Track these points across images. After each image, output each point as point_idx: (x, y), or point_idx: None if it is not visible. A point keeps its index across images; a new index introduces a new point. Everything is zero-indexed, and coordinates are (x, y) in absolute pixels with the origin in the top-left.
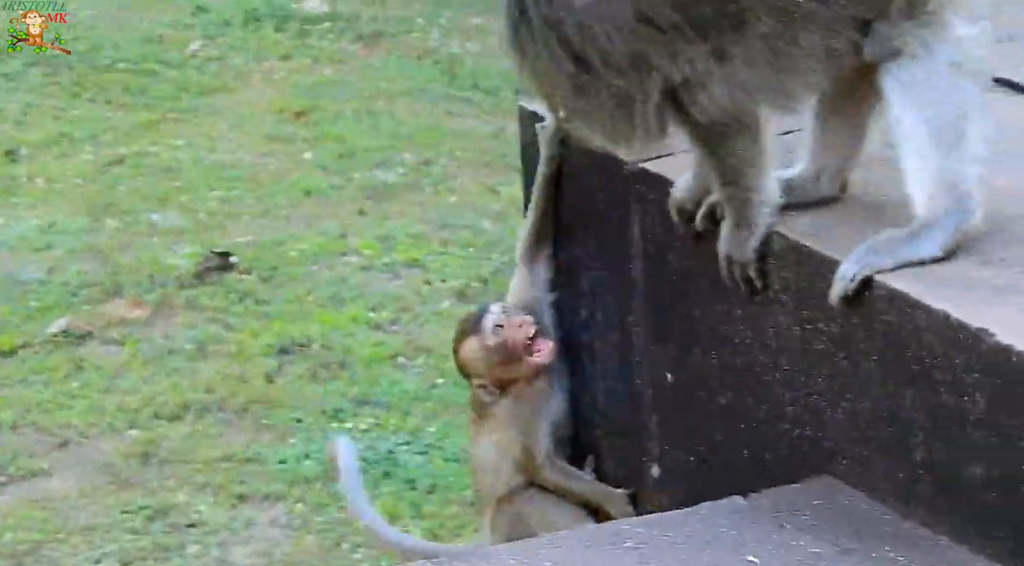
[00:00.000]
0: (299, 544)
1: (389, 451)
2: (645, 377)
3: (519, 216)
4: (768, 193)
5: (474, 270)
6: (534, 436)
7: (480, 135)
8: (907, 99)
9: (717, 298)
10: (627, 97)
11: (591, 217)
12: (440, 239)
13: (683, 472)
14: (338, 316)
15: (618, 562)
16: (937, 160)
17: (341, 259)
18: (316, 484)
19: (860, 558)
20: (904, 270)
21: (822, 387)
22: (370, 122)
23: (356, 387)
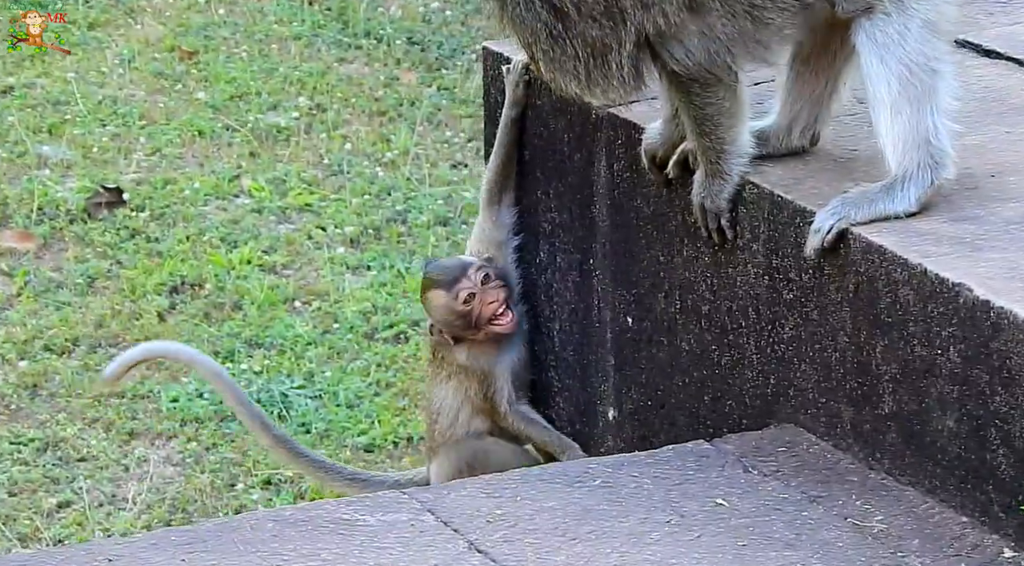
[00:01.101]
0: (192, 482)
1: (283, 394)
2: (605, 320)
3: (412, 165)
4: (742, 144)
5: (368, 217)
6: (495, 383)
7: (373, 83)
8: (880, 55)
9: (684, 244)
10: (602, 46)
11: (554, 160)
12: (333, 185)
13: (639, 416)
14: (231, 257)
15: (590, 499)
16: (910, 116)
17: (233, 201)
18: (209, 423)
19: (827, 505)
20: (878, 223)
21: (790, 336)
22: (262, 65)
23: (249, 329)
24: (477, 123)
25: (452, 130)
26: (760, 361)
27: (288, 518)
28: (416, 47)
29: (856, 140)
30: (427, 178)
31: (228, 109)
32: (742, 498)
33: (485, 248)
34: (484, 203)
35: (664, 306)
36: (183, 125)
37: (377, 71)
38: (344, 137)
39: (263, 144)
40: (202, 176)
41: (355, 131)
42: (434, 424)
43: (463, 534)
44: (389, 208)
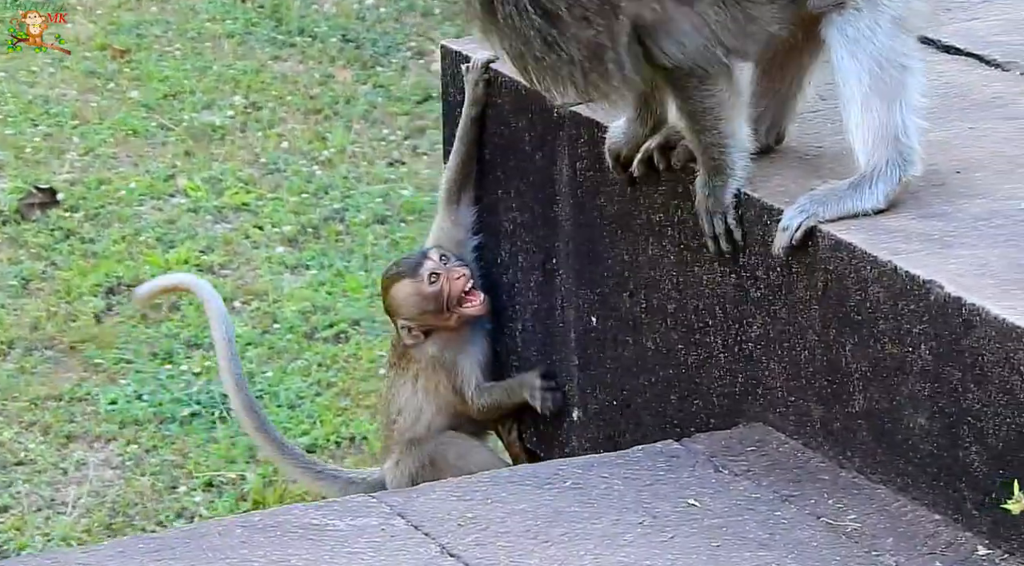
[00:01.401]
0: (132, 485)
1: (223, 395)
2: (568, 320)
3: (349, 163)
4: (742, 138)
5: (306, 216)
6: (463, 372)
7: (307, 81)
8: (851, 50)
9: (649, 243)
10: (597, 46)
11: (515, 158)
12: (270, 184)
13: (605, 416)
14: (168, 258)
15: (561, 501)
16: (879, 112)
17: (169, 201)
18: (149, 426)
19: (800, 505)
20: (847, 221)
21: (758, 334)
22: (196, 63)
23: (188, 330)
24: (413, 121)
25: (388, 128)
26: (728, 360)
27: (257, 524)
28: (351, 45)
29: (821, 137)
30: (364, 176)
31: (162, 108)
32: (714, 498)
33: (444, 247)
34: (443, 202)
35: (629, 305)
36: (116, 124)
37: (312, 69)
38: (280, 135)
39: (198, 143)
40: (137, 176)
41: (291, 129)
42: (392, 424)
43: (435, 538)
44: (327, 207)
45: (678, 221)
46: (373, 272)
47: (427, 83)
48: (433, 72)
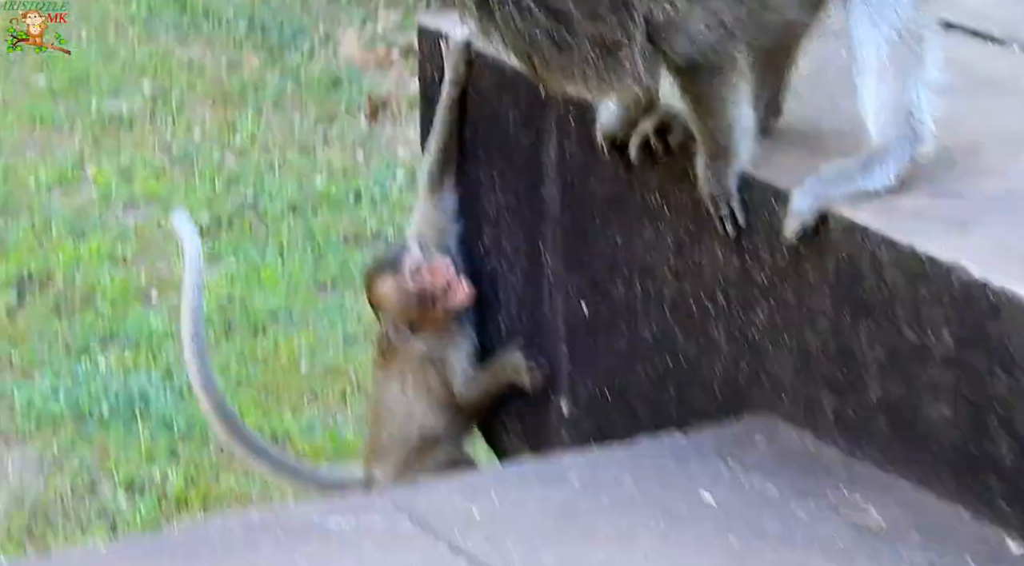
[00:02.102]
0: (52, 486)
1: (141, 391)
2: (556, 308)
3: (261, 152)
4: (746, 121)
5: (219, 205)
6: (454, 366)
7: (214, 67)
8: (871, 18)
9: (645, 227)
10: (612, 43)
11: (498, 140)
12: (181, 172)
13: (596, 408)
14: (79, 249)
15: (571, 497)
16: (894, 84)
17: (79, 190)
18: (66, 423)
19: (816, 498)
20: (858, 202)
21: (763, 321)
22: (101, 49)
23: (102, 323)
24: (324, 107)
25: (298, 114)
26: (731, 348)
27: (257, 523)
28: (257, 30)
29: (819, 111)
30: (276, 164)
31: (68, 95)
32: (727, 493)
33: (429, 236)
34: (425, 188)
35: (623, 292)
36: (22, 112)
37: (219, 55)
38: (189, 123)
39: (106, 131)
40: (44, 165)
41: (200, 117)
42: (381, 424)
43: (442, 536)
44: (239, 196)
45: (676, 204)
46: (289, 263)
47: (335, 68)
48: (341, 58)
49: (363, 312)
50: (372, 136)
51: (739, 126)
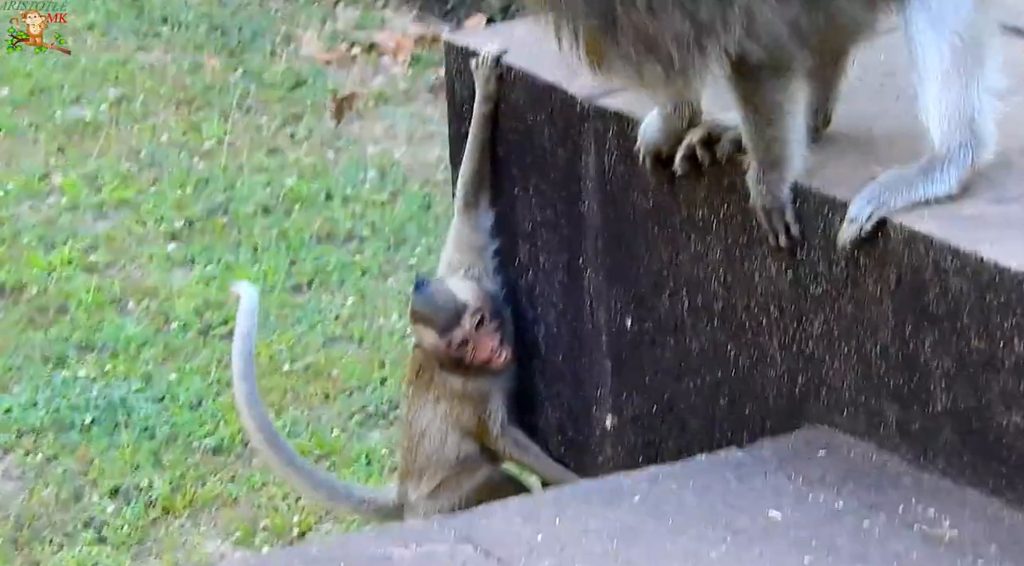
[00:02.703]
0: (36, 496)
1: (122, 399)
2: (599, 322)
3: (229, 156)
4: (800, 131)
5: (189, 210)
6: (487, 407)
7: (176, 71)
8: (932, 22)
9: (691, 240)
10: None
11: (534, 155)
12: (149, 178)
13: (643, 421)
14: (51, 258)
15: (633, 518)
16: (959, 90)
17: (46, 199)
18: (48, 433)
19: (887, 512)
20: (918, 209)
21: (820, 332)
22: (61, 57)
23: (78, 332)
24: (288, 107)
25: (264, 115)
26: (785, 360)
27: (316, 556)
28: (217, 32)
29: (868, 118)
30: (245, 166)
31: (30, 105)
32: (794, 508)
33: (464, 255)
34: (460, 208)
35: (669, 305)
36: None
37: (179, 58)
38: (154, 128)
39: (71, 139)
40: (11, 176)
41: (164, 121)
42: (416, 446)
43: (509, 563)
44: (209, 199)
45: (724, 216)
46: (263, 263)
47: (297, 68)
48: (302, 57)
49: (341, 312)
50: (339, 135)
51: (793, 137)
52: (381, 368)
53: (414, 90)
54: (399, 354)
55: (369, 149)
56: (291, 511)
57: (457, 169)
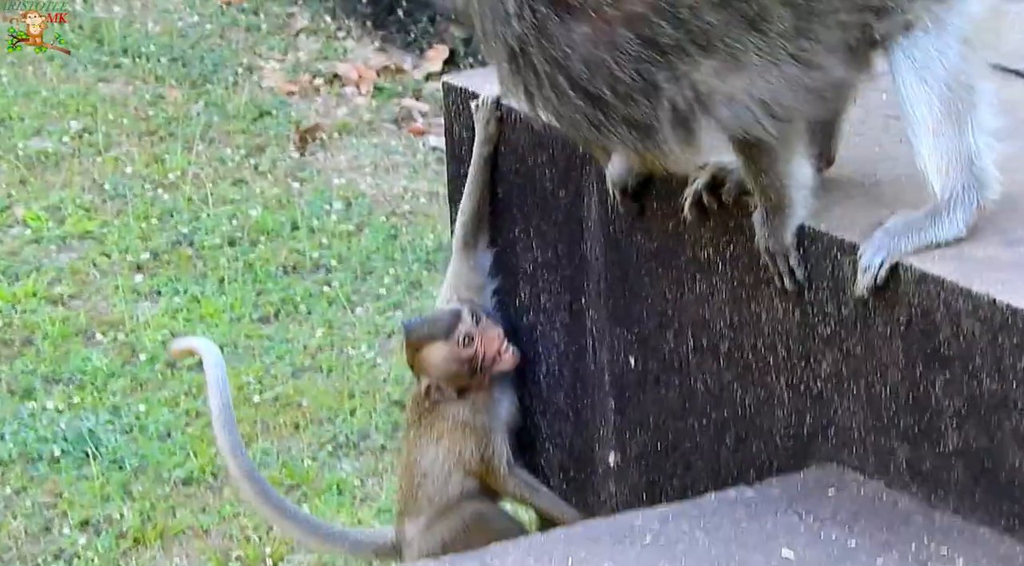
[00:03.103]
0: (5, 529)
1: (90, 430)
2: (602, 361)
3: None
4: (803, 175)
5: (153, 241)
6: (491, 445)
7: (137, 102)
8: (920, 75)
9: (697, 280)
10: (646, 127)
11: (535, 197)
12: (112, 210)
13: (647, 460)
14: (15, 291)
15: (647, 559)
16: (951, 137)
17: (9, 232)
18: (15, 466)
19: (902, 552)
20: (928, 252)
21: (828, 372)
22: (20, 89)
23: (44, 365)
24: (251, 138)
25: (227, 147)
26: (793, 399)
27: None
28: (178, 63)
29: (873, 162)
30: (209, 198)
31: None
32: (807, 548)
33: (462, 295)
34: (458, 248)
35: (674, 345)
36: None
37: (141, 89)
38: (116, 159)
39: (32, 171)
40: None
41: (127, 152)
42: (418, 487)
43: None
44: (174, 231)
45: (730, 257)
46: (229, 295)
47: (260, 99)
48: (264, 88)
49: (309, 343)
50: (304, 166)
51: (796, 181)
52: (351, 398)
53: (378, 121)
54: (368, 384)
55: (334, 180)
56: (263, 542)
57: (455, 209)
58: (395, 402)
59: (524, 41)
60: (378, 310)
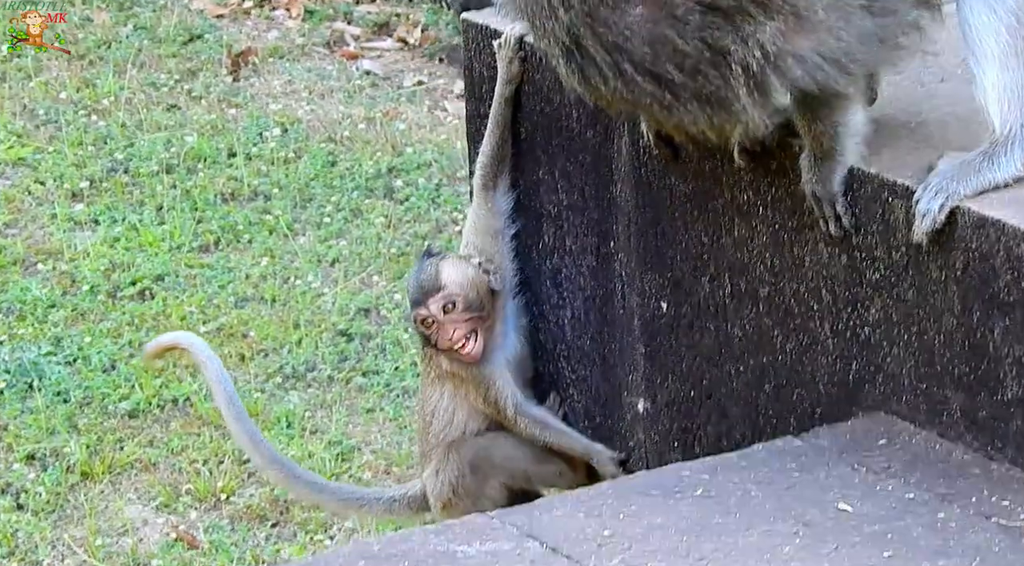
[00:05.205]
0: None
1: (33, 362)
2: (631, 306)
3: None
4: (857, 122)
5: (88, 168)
6: (493, 386)
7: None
8: (988, 5)
9: (735, 224)
10: (719, 99)
11: (560, 137)
12: (45, 136)
13: (678, 407)
14: None
15: (698, 512)
16: (1016, 69)
17: None
18: None
19: (961, 504)
20: (985, 195)
21: (876, 318)
22: None
23: None
24: (183, 62)
25: (159, 71)
26: (838, 346)
27: (378, 554)
28: None
29: (917, 102)
30: (143, 124)
31: None
32: (863, 501)
33: (481, 238)
34: (478, 189)
35: (709, 290)
36: None
37: (69, 11)
38: (47, 84)
39: None
40: None
41: (57, 77)
42: (427, 428)
43: (579, 561)
44: (109, 158)
45: (772, 200)
46: (168, 223)
47: (190, 22)
48: (194, 11)
49: (252, 272)
50: (237, 91)
51: (850, 129)
52: (296, 328)
53: (309, 45)
54: (313, 314)
55: (269, 105)
56: (213, 475)
57: (474, 149)
58: (340, 332)
59: (576, 31)
60: (319, 239)
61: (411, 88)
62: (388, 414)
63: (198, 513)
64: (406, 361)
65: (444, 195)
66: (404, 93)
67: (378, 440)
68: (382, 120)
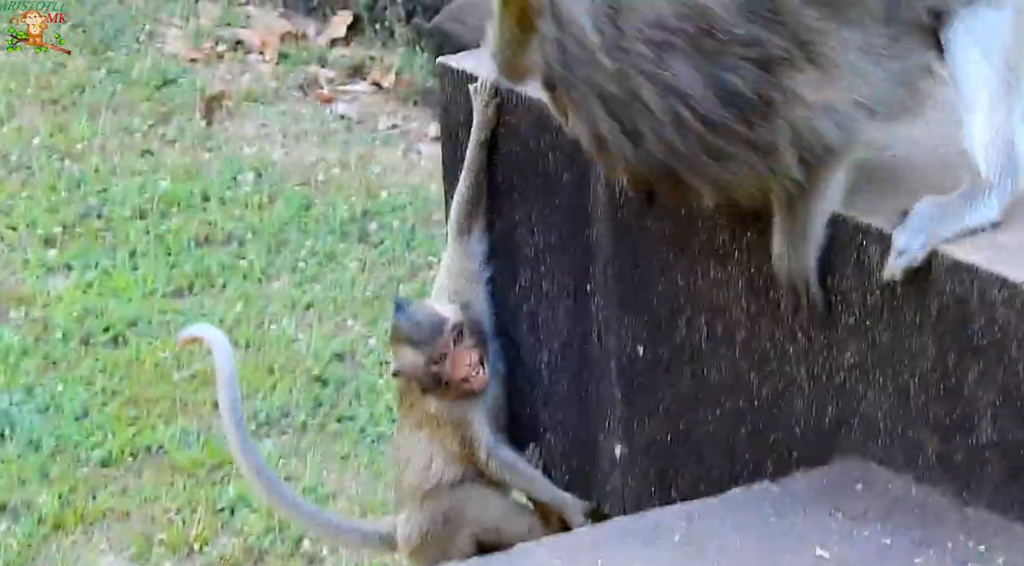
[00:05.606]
0: None
1: (4, 410)
2: (608, 349)
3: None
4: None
5: (61, 213)
6: (470, 429)
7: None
8: (982, 50)
9: (712, 266)
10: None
11: (537, 180)
12: (17, 181)
13: (656, 451)
14: None
15: (678, 559)
16: (1002, 116)
17: None
18: None
19: (939, 550)
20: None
21: (852, 362)
22: None
23: None
24: (156, 106)
25: (133, 115)
26: (814, 390)
27: None
28: (78, 29)
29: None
30: (116, 168)
31: None
32: (841, 546)
33: (456, 282)
34: (453, 233)
35: (686, 333)
36: None
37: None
38: (20, 129)
39: None
40: None
41: (31, 122)
42: (403, 472)
43: None
44: (82, 202)
45: (747, 244)
46: (142, 268)
47: (163, 66)
48: (167, 55)
49: (226, 317)
50: (211, 134)
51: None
52: (270, 374)
53: (283, 88)
54: (288, 359)
55: (243, 149)
56: (186, 525)
57: (450, 192)
58: (315, 378)
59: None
60: (294, 283)
61: (386, 131)
62: (363, 460)
63: (172, 563)
64: (381, 406)
65: (419, 238)
66: (379, 136)
67: (353, 487)
68: (356, 163)
